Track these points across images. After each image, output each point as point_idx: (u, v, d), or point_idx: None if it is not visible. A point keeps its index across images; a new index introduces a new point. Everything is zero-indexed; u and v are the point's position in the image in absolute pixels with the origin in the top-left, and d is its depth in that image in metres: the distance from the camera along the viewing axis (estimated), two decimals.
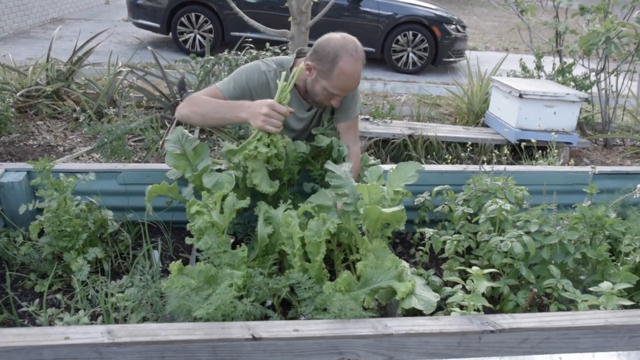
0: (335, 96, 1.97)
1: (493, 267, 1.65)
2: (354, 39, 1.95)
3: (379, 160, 2.20)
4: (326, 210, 1.75)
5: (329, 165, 1.81)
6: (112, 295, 1.56)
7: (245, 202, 1.67)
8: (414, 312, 1.42)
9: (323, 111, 2.19)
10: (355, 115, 2.19)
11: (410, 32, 7.84)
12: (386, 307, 1.66)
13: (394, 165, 1.85)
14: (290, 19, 4.17)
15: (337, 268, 1.80)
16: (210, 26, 7.71)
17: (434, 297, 1.42)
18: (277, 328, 1.22)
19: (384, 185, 1.73)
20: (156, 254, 1.85)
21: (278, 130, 1.74)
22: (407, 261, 2.03)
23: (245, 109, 1.79)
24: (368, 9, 7.82)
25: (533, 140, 4.09)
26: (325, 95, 1.99)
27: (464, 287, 1.54)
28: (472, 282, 1.47)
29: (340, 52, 1.87)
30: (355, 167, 2.06)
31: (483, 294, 1.44)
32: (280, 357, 1.22)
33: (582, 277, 1.75)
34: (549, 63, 5.47)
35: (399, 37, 7.87)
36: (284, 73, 1.82)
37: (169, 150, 1.90)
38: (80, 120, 4.50)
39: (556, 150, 3.93)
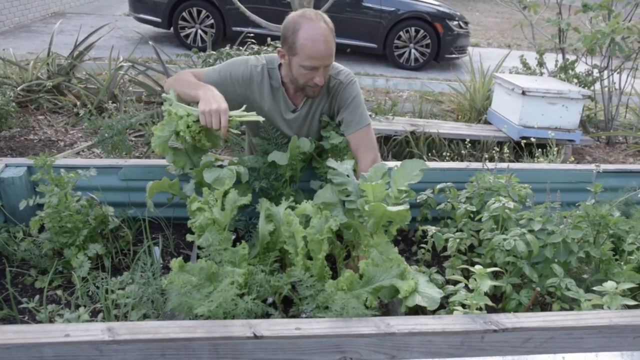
0: (314, 71, 1.86)
1: (496, 265, 1.64)
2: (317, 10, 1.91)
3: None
4: (331, 208, 1.72)
5: (330, 162, 1.79)
6: (112, 291, 1.56)
7: (246, 199, 1.66)
8: (417, 311, 1.41)
9: (319, 116, 2.08)
10: (364, 124, 1.99)
11: (413, 28, 7.80)
12: (388, 305, 1.65)
13: (398, 163, 1.82)
14: None
15: (338, 265, 1.79)
16: (212, 21, 7.68)
17: (437, 294, 1.40)
18: (279, 326, 1.22)
19: (388, 182, 1.71)
20: (157, 251, 1.84)
21: (205, 125, 1.73)
22: (409, 259, 2.02)
23: (205, 91, 1.79)
24: (370, 5, 7.77)
25: (532, 139, 4.07)
26: (304, 75, 1.88)
27: (466, 286, 1.52)
28: (475, 280, 1.46)
29: (299, 20, 1.84)
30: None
31: (485, 293, 1.43)
32: (282, 356, 1.21)
33: (585, 276, 1.75)
34: (552, 60, 5.44)
35: (401, 33, 7.83)
36: (244, 105, 1.85)
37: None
38: (81, 115, 4.48)
39: (556, 148, 3.91)
